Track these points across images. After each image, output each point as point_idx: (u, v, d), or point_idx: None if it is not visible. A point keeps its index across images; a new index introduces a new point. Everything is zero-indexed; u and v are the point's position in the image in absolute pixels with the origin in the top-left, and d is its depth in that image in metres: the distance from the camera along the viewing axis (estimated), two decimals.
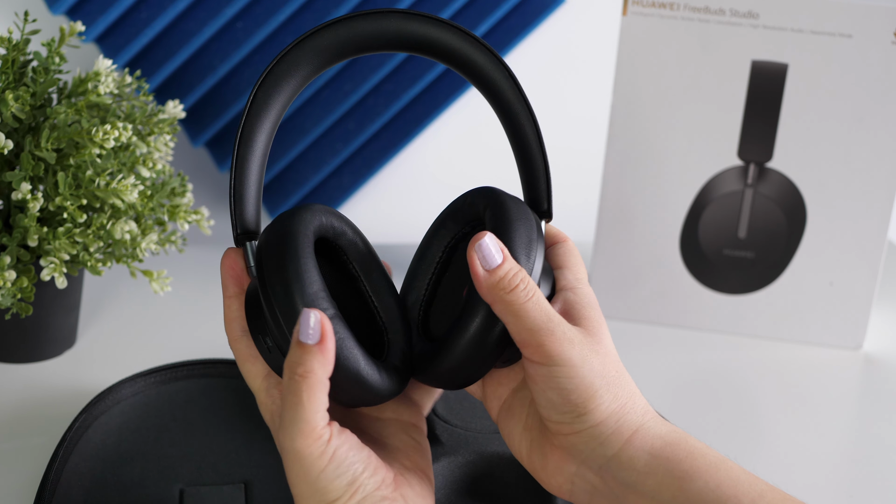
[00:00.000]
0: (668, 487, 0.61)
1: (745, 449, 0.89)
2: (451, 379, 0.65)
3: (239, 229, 0.65)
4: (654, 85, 1.00)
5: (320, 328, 0.59)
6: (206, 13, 1.09)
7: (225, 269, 0.66)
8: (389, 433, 0.67)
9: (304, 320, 0.59)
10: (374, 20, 0.67)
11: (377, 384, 0.63)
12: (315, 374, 0.59)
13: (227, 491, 0.76)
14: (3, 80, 0.82)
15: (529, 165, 0.69)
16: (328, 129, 1.17)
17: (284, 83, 0.66)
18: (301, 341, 0.59)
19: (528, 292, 0.62)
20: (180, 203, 0.90)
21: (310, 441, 0.60)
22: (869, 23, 0.96)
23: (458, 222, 0.69)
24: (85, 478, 0.76)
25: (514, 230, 0.64)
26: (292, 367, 0.59)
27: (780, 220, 1.03)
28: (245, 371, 0.65)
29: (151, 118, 0.89)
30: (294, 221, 0.64)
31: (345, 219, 0.68)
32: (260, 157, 0.66)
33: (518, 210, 0.66)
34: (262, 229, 0.66)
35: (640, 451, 0.62)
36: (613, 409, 0.63)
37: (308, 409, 0.59)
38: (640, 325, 1.06)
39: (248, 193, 0.65)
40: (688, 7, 0.98)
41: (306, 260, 0.62)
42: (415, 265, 0.70)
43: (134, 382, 0.84)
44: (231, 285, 0.66)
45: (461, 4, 1.14)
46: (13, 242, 0.84)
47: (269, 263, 0.62)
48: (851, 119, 0.99)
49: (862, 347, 1.04)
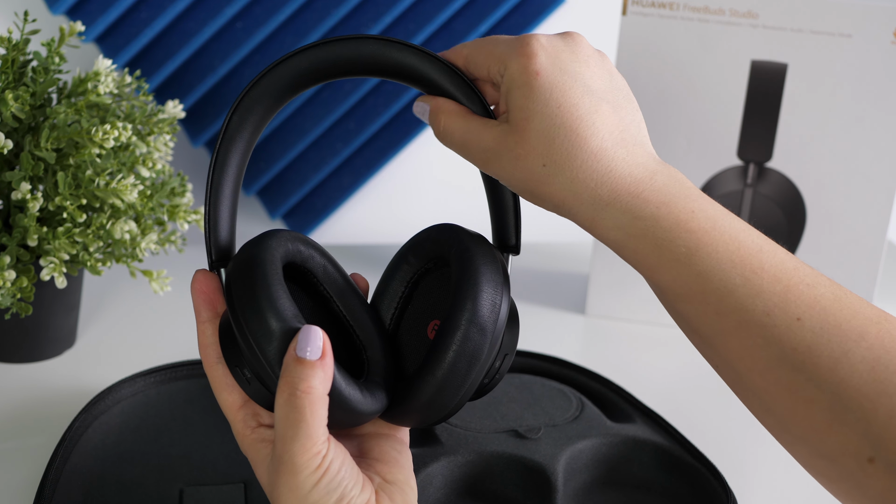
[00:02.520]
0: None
1: (745, 449, 0.89)
2: (422, 419, 0.66)
3: (214, 255, 0.65)
4: (654, 85, 1.00)
5: (322, 343, 0.59)
6: (206, 13, 1.09)
7: (196, 292, 0.65)
8: (369, 446, 0.67)
9: (303, 337, 0.59)
10: (351, 45, 0.67)
11: (361, 405, 0.63)
12: (317, 389, 0.59)
13: (226, 491, 0.76)
14: (3, 79, 0.82)
15: (498, 199, 0.69)
16: (328, 129, 1.17)
17: (257, 108, 0.66)
18: (300, 357, 0.59)
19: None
20: (180, 203, 0.90)
21: (310, 455, 0.60)
22: (869, 23, 0.96)
23: (420, 258, 0.69)
24: (85, 477, 0.76)
25: (482, 276, 0.64)
26: (293, 383, 0.59)
27: (780, 219, 1.03)
28: (221, 400, 0.65)
29: (151, 118, 0.89)
30: (260, 249, 0.63)
31: (311, 242, 0.67)
32: (233, 183, 0.66)
33: (482, 255, 0.65)
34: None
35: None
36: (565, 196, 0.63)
37: (311, 424, 0.59)
38: (640, 325, 1.06)
39: (221, 219, 0.65)
40: (687, 7, 0.98)
41: (276, 287, 0.62)
42: (376, 300, 0.70)
43: (134, 382, 0.84)
44: (204, 310, 0.65)
45: (461, 4, 1.14)
46: (13, 242, 0.84)
47: (238, 293, 0.62)
48: (851, 119, 0.99)
49: None
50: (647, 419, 0.87)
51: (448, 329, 0.63)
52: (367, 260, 1.12)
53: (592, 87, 0.64)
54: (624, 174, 0.63)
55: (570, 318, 1.07)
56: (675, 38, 0.99)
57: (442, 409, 0.65)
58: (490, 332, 0.64)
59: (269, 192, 1.19)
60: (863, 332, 0.59)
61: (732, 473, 0.84)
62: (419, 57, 0.67)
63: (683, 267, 0.62)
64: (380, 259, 0.70)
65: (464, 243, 0.66)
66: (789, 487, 0.85)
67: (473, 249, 0.66)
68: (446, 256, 0.67)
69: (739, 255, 0.61)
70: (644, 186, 0.62)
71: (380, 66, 0.67)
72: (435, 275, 0.69)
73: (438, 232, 0.68)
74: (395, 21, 1.14)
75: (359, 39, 0.67)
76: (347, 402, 0.62)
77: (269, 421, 0.65)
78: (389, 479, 0.64)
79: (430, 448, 0.78)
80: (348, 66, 0.67)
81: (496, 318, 0.64)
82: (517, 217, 0.69)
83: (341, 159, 1.17)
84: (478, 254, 0.65)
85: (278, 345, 0.60)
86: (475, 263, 0.65)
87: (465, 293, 0.64)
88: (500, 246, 0.70)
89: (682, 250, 0.62)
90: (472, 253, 0.65)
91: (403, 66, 0.67)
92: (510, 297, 0.66)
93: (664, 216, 0.62)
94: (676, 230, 0.62)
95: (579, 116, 0.62)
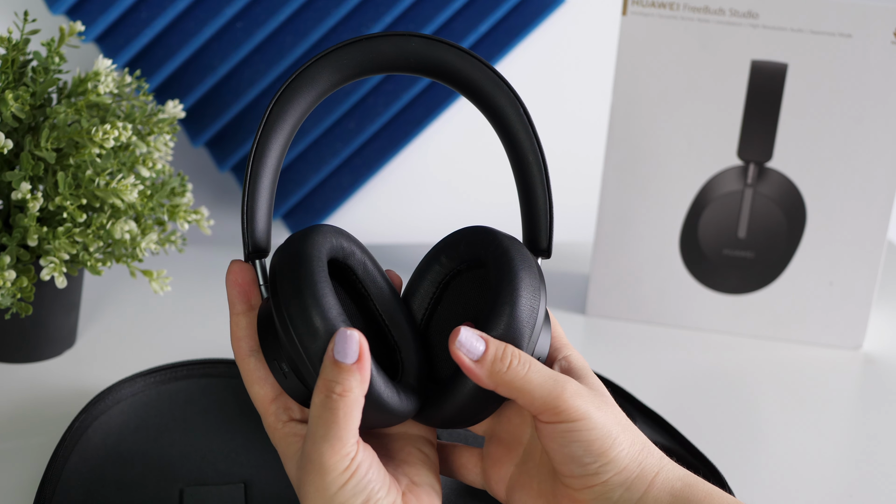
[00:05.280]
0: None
1: (745, 449, 0.89)
2: (457, 421, 0.66)
3: (250, 247, 0.65)
4: (654, 85, 1.00)
5: (358, 348, 0.60)
6: (206, 13, 1.09)
7: (231, 283, 0.65)
8: (398, 446, 0.67)
9: (341, 339, 0.60)
10: (396, 42, 0.66)
11: (397, 407, 0.63)
12: (353, 392, 0.60)
13: (226, 491, 0.76)
14: (3, 79, 0.82)
15: (532, 203, 0.69)
16: (328, 129, 1.17)
17: (300, 98, 0.66)
18: (337, 360, 0.59)
19: (523, 365, 0.63)
20: (180, 203, 0.90)
21: (339, 457, 0.60)
22: (869, 23, 0.96)
23: (453, 260, 0.69)
24: (85, 478, 0.76)
25: (521, 280, 0.64)
26: (329, 385, 0.59)
27: (780, 219, 1.03)
28: (253, 393, 0.65)
29: (151, 118, 0.89)
30: (307, 245, 0.63)
31: (353, 238, 0.67)
32: (272, 175, 0.65)
33: (521, 259, 0.66)
34: (274, 249, 0.65)
35: (662, 492, 0.64)
36: (633, 453, 0.64)
37: (343, 426, 0.60)
38: (640, 325, 1.06)
39: (259, 211, 0.65)
40: (687, 7, 0.98)
41: (323, 284, 0.62)
42: (407, 299, 0.70)
43: (134, 382, 0.84)
44: (239, 302, 0.65)
45: (461, 4, 1.14)
46: (13, 242, 0.84)
47: (285, 288, 0.62)
48: (851, 119, 0.99)
49: (862, 347, 1.04)
50: (647, 419, 0.87)
51: (488, 332, 0.63)
52: None
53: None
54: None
55: (570, 318, 1.07)
56: (675, 38, 0.99)
57: (480, 412, 0.65)
58: (528, 336, 0.64)
59: None
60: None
61: (732, 473, 0.84)
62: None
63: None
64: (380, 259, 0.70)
65: (502, 245, 0.66)
66: (789, 487, 0.85)
67: (512, 253, 0.66)
68: (482, 258, 0.67)
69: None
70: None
71: (424, 65, 0.67)
72: (467, 276, 0.69)
73: (473, 234, 0.68)
74: (395, 21, 1.14)
75: (408, 36, 0.66)
76: (384, 403, 0.62)
77: (300, 416, 0.65)
78: (417, 480, 0.64)
79: None
80: (399, 63, 0.67)
81: (534, 322, 0.64)
82: (550, 220, 0.69)
83: (341, 159, 1.17)
84: (517, 257, 0.65)
85: (321, 343, 0.61)
86: (515, 267, 0.65)
87: (506, 297, 0.64)
88: (530, 249, 0.70)
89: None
90: (512, 256, 0.65)
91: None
92: (545, 301, 0.66)
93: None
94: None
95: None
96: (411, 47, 0.66)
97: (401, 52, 0.66)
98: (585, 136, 1.26)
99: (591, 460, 0.63)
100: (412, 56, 0.67)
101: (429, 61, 0.67)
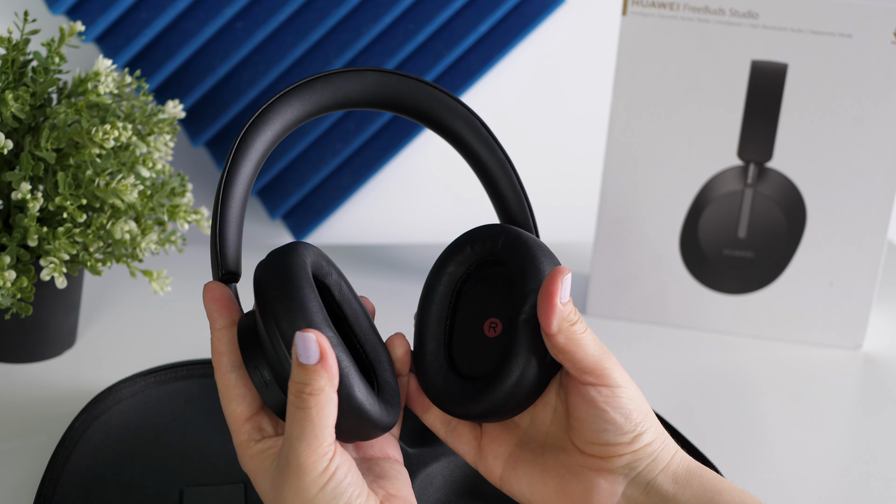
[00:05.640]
0: (701, 498, 0.65)
1: (745, 449, 0.89)
2: (510, 410, 0.67)
3: (222, 269, 0.65)
4: (654, 85, 1.00)
5: (317, 347, 0.60)
6: (206, 13, 1.09)
7: (211, 300, 0.65)
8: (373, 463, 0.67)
9: (300, 341, 0.60)
10: (354, 78, 0.69)
11: (379, 417, 0.64)
12: (324, 391, 0.60)
13: (226, 491, 0.76)
14: (3, 80, 0.82)
15: (504, 203, 0.72)
16: (328, 129, 1.17)
17: (269, 128, 0.67)
18: (301, 362, 0.60)
19: (583, 325, 0.66)
20: (180, 203, 0.90)
21: (316, 456, 0.60)
22: (869, 23, 0.96)
23: (467, 259, 0.70)
24: (85, 477, 0.76)
25: (542, 264, 0.67)
26: (299, 387, 0.60)
27: (780, 219, 1.03)
28: (229, 410, 0.64)
29: (151, 118, 0.89)
30: (293, 255, 0.64)
31: (329, 259, 0.69)
32: (241, 202, 0.67)
33: (538, 245, 0.68)
34: (252, 268, 0.66)
35: (680, 466, 0.67)
36: (659, 431, 0.67)
37: (317, 424, 0.60)
38: (640, 325, 1.06)
39: (230, 235, 0.66)
40: (688, 7, 0.98)
41: (308, 292, 0.63)
42: (425, 300, 0.71)
43: (134, 382, 0.84)
44: (220, 317, 0.65)
45: (461, 4, 1.14)
46: (13, 242, 0.84)
47: (270, 295, 0.62)
48: (851, 119, 0.99)
49: (862, 347, 1.04)
50: None
51: (518, 327, 0.66)
52: (367, 260, 1.12)
53: None
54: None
55: None
56: (675, 38, 0.99)
57: (523, 403, 0.67)
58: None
59: (268, 192, 1.19)
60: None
61: (732, 473, 0.84)
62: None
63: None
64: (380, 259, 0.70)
65: (519, 240, 0.68)
66: (789, 487, 0.85)
67: (530, 246, 0.68)
68: (498, 255, 0.69)
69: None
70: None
71: (385, 100, 0.70)
72: (483, 273, 0.70)
73: (487, 231, 0.70)
74: (395, 21, 1.14)
75: (363, 72, 0.69)
76: (361, 408, 0.62)
77: (273, 433, 0.65)
78: (394, 493, 0.65)
79: (430, 448, 0.78)
80: (360, 101, 0.70)
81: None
82: (530, 209, 0.72)
83: (341, 159, 1.17)
84: (538, 252, 0.68)
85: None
86: (537, 261, 0.67)
87: (532, 291, 0.66)
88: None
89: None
90: (529, 249, 0.68)
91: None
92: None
93: None
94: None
95: None
96: (367, 82, 0.69)
97: (357, 88, 0.69)
98: (585, 136, 1.26)
99: (630, 428, 0.66)
100: (370, 92, 0.70)
101: (390, 97, 0.70)
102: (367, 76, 0.69)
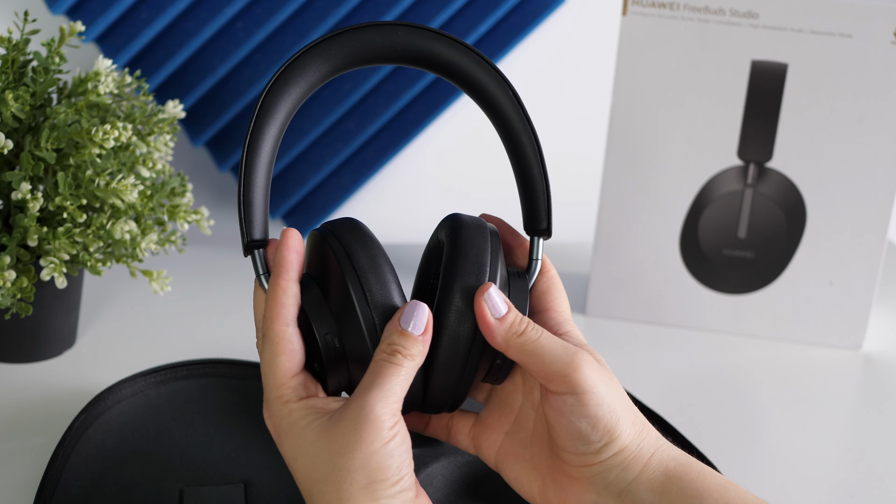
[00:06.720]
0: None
1: (745, 449, 0.89)
2: (440, 403, 0.67)
3: (248, 237, 0.65)
4: (654, 85, 1.00)
5: (426, 321, 0.63)
6: (206, 13, 1.09)
7: (289, 248, 0.64)
8: None
9: (411, 311, 0.62)
10: (384, 32, 0.67)
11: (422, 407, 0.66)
12: (415, 358, 0.62)
13: (227, 491, 0.76)
14: (3, 80, 0.82)
15: (529, 183, 0.70)
16: (328, 129, 1.17)
17: (291, 89, 0.66)
18: (403, 329, 0.62)
19: (536, 331, 0.64)
20: (180, 203, 0.90)
21: (389, 411, 0.61)
22: (869, 23, 0.96)
23: (436, 255, 0.71)
24: (85, 477, 0.76)
25: (456, 262, 0.66)
26: (395, 347, 0.62)
27: (780, 220, 1.03)
28: (277, 363, 0.63)
29: (151, 118, 0.89)
30: (367, 230, 0.66)
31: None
32: (267, 166, 0.66)
33: (468, 237, 0.67)
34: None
35: (656, 472, 0.64)
36: (633, 434, 0.65)
37: (396, 382, 0.61)
38: (640, 325, 1.06)
39: (256, 201, 0.65)
40: (688, 7, 0.98)
41: (388, 262, 0.65)
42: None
43: (134, 382, 0.84)
44: (292, 269, 0.64)
45: (461, 4, 1.14)
46: (13, 242, 0.84)
47: (362, 255, 0.64)
48: (851, 119, 0.99)
49: (862, 347, 1.04)
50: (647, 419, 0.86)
51: (436, 318, 0.65)
52: None
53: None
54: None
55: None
56: (675, 38, 0.99)
57: (459, 393, 0.66)
58: (470, 313, 0.65)
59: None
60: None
61: (732, 473, 0.84)
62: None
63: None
64: None
65: (452, 231, 0.68)
66: (789, 487, 0.85)
67: (455, 233, 0.67)
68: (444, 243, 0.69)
69: None
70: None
71: (411, 54, 0.68)
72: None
73: (440, 225, 0.70)
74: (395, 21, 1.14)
75: (394, 26, 0.68)
76: (417, 394, 0.65)
77: (316, 394, 0.65)
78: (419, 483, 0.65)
79: (430, 448, 0.78)
80: (387, 53, 0.68)
81: (472, 299, 0.65)
82: (548, 200, 0.70)
83: (341, 159, 1.17)
84: (459, 237, 0.67)
85: (389, 313, 0.64)
86: (453, 249, 0.66)
87: (445, 283, 0.66)
88: (530, 230, 0.70)
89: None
90: (453, 237, 0.67)
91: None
92: (505, 275, 0.67)
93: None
94: None
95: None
96: (398, 36, 0.68)
97: (387, 42, 0.68)
98: (585, 136, 1.26)
99: (597, 438, 0.63)
100: (398, 45, 0.68)
101: (415, 50, 0.68)
102: (399, 30, 0.68)
